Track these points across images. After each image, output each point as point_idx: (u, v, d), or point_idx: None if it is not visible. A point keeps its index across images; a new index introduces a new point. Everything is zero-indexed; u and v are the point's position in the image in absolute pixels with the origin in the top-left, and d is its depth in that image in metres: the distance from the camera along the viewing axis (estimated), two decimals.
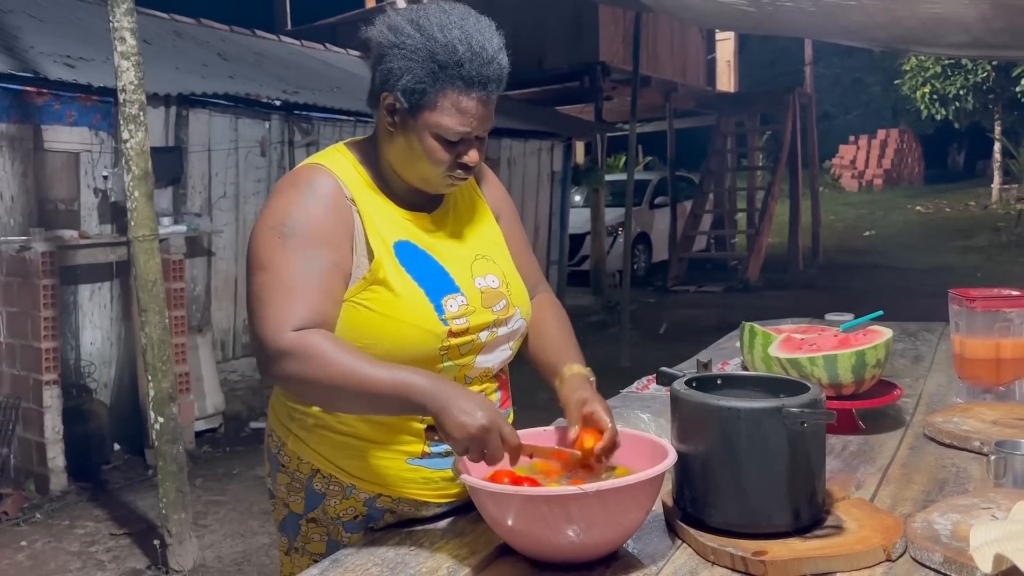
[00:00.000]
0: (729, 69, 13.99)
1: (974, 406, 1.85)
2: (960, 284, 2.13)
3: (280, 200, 1.34)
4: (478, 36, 1.30)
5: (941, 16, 4.28)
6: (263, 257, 1.31)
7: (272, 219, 1.32)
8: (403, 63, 1.29)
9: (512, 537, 1.23)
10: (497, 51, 1.31)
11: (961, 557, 1.11)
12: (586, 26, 10.14)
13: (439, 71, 1.28)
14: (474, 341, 1.38)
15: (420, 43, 1.28)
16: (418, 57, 1.28)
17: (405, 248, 1.36)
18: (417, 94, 1.29)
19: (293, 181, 1.36)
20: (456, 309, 1.35)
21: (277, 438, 1.48)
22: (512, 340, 1.45)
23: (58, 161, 4.95)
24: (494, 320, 1.40)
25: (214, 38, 7.72)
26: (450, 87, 1.29)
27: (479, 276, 1.41)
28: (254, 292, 1.30)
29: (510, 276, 1.47)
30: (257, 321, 1.28)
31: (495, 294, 1.41)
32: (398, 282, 1.33)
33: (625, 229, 7.60)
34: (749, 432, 1.22)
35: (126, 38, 3.30)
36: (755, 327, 1.97)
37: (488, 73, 1.30)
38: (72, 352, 4.98)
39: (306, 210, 1.32)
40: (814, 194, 13.06)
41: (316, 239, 1.31)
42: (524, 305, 1.47)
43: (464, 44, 1.28)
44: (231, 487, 4.52)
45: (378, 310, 1.32)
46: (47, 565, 3.64)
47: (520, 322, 1.46)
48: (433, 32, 1.29)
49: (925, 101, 18.61)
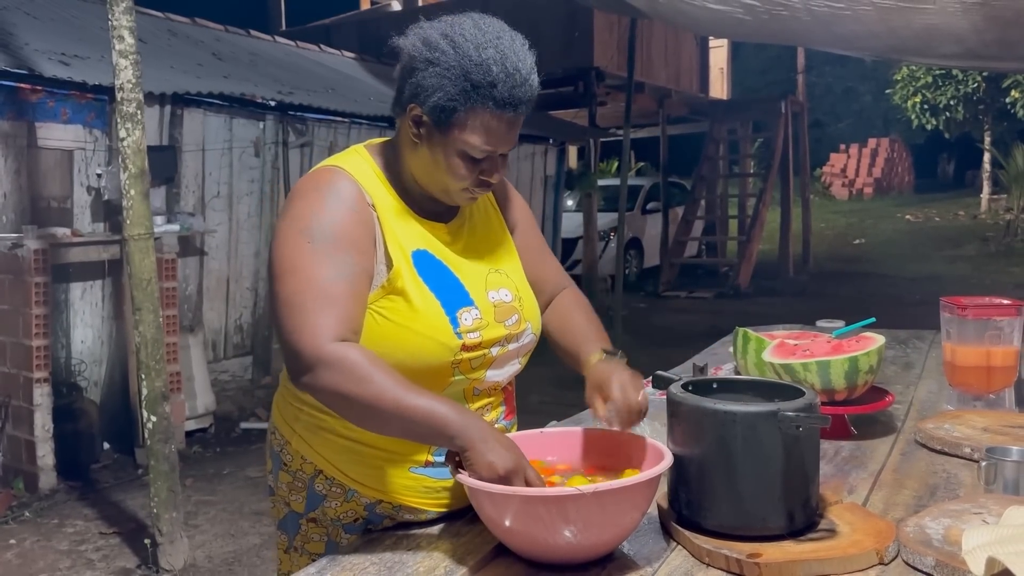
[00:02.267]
0: (722, 76, 14.05)
1: (965, 413, 1.87)
2: (949, 293, 2.15)
3: (304, 203, 1.32)
4: (512, 57, 1.28)
5: (935, 26, 4.32)
6: (293, 261, 1.28)
7: (299, 222, 1.30)
8: (436, 80, 1.27)
9: (509, 537, 1.23)
10: (530, 72, 1.30)
11: (953, 561, 1.12)
12: (581, 31, 10.16)
13: (472, 91, 1.26)
14: (485, 355, 1.37)
15: (455, 61, 1.26)
16: (451, 75, 1.26)
17: (423, 258, 1.36)
18: (447, 112, 1.28)
19: (314, 184, 1.34)
20: (470, 323, 1.34)
21: (280, 436, 1.48)
22: (521, 355, 1.46)
23: (52, 159, 4.94)
24: (506, 335, 1.40)
25: (209, 38, 7.71)
26: (481, 107, 1.27)
27: (492, 290, 1.41)
28: (285, 298, 1.27)
29: (523, 291, 1.46)
30: (291, 328, 1.25)
31: (508, 308, 1.41)
32: (416, 293, 1.32)
33: (618, 234, 7.62)
34: (745, 435, 1.23)
35: (124, 36, 3.30)
36: (748, 332, 1.98)
37: (520, 95, 1.29)
38: (63, 350, 4.96)
39: (332, 214, 1.30)
40: (805, 202, 13.13)
41: (344, 243, 1.29)
42: (535, 320, 1.47)
43: (499, 65, 1.26)
44: (221, 487, 4.51)
45: (394, 320, 1.32)
46: (36, 564, 3.63)
47: (531, 337, 1.46)
48: (468, 50, 1.26)
49: (916, 111, 18.74)
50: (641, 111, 11.10)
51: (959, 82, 17.87)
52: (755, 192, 12.75)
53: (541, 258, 1.56)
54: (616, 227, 8.02)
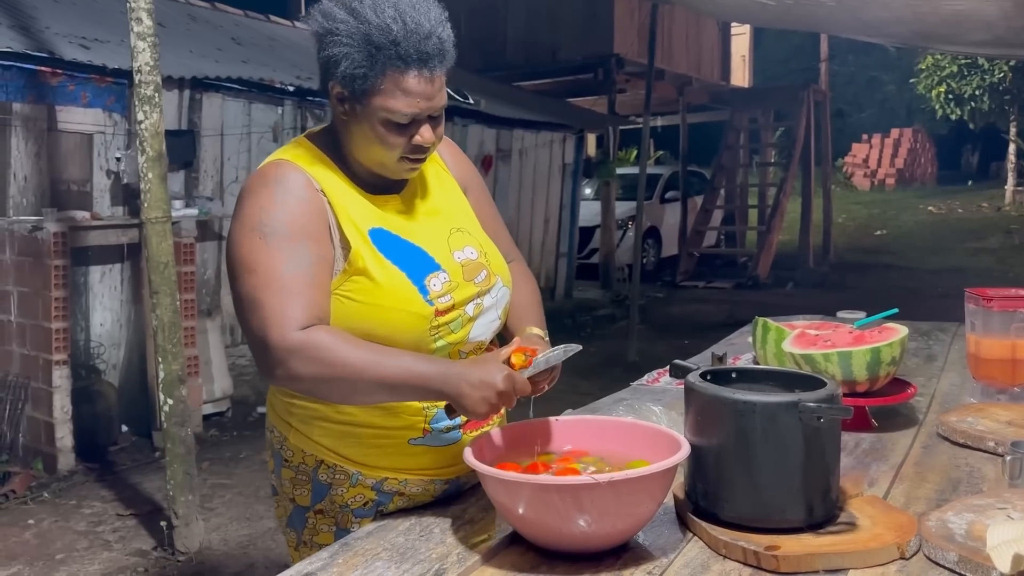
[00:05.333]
0: (744, 64, 13.92)
1: (988, 406, 1.84)
2: (972, 285, 2.10)
3: (254, 200, 1.32)
4: (412, 12, 1.27)
5: (963, 13, 4.24)
6: (248, 260, 1.29)
7: (250, 220, 1.31)
8: (340, 49, 1.27)
9: (522, 525, 1.22)
10: (436, 25, 1.29)
11: (977, 556, 1.09)
12: (601, 18, 10.09)
13: (376, 53, 1.26)
14: (462, 315, 1.38)
15: (354, 27, 1.26)
16: (354, 42, 1.26)
17: (380, 235, 1.36)
18: (359, 80, 1.28)
19: (262, 180, 1.34)
20: (439, 287, 1.35)
21: (279, 433, 1.48)
22: (499, 309, 1.45)
23: (71, 142, 4.96)
24: (477, 291, 1.40)
25: (228, 22, 7.72)
26: (390, 68, 1.27)
27: (457, 250, 1.41)
28: (245, 296, 1.29)
29: (487, 246, 1.46)
30: (256, 324, 1.26)
31: (475, 265, 1.41)
32: (378, 270, 1.32)
33: (636, 223, 7.57)
34: (764, 426, 1.21)
35: (143, 19, 3.29)
36: (768, 322, 1.95)
37: (427, 49, 1.27)
38: (82, 333, 4.99)
39: (282, 207, 1.30)
40: (826, 192, 12.99)
41: (298, 235, 1.30)
42: (504, 273, 1.47)
43: (398, 22, 1.26)
44: (238, 471, 4.53)
45: (363, 300, 1.32)
46: (54, 544, 3.66)
47: (503, 290, 1.46)
48: (366, 14, 1.26)
49: (940, 101, 18.50)
50: (661, 99, 11.01)
51: (985, 71, 17.61)
52: (776, 182, 12.64)
53: (493, 228, 1.56)
54: (634, 216, 7.96)
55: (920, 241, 14.44)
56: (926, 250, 13.40)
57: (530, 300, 1.55)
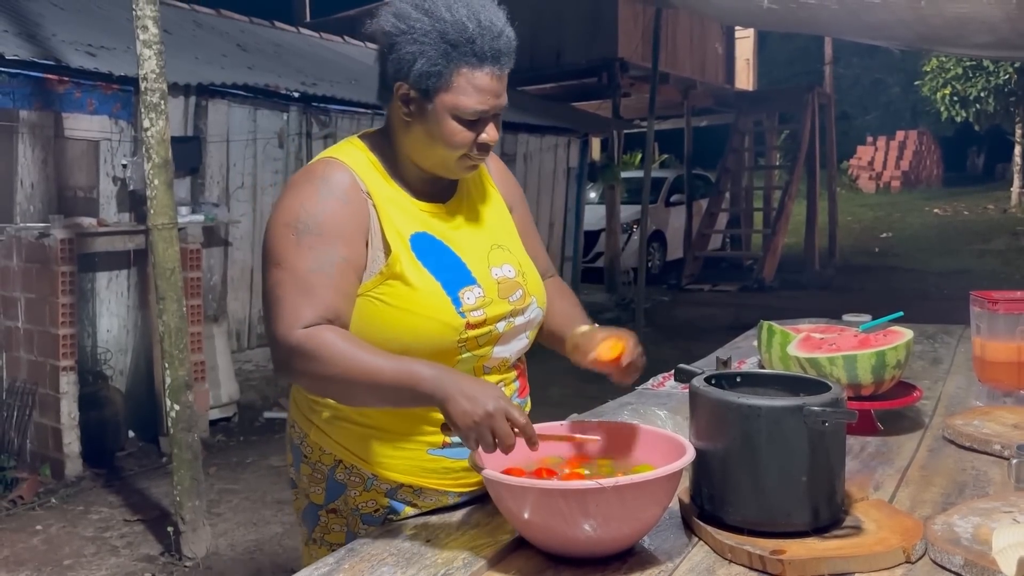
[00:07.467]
0: (748, 67, 13.91)
1: (994, 409, 1.84)
2: (978, 288, 2.10)
3: (295, 196, 1.34)
4: (485, 12, 1.31)
5: (967, 15, 4.24)
6: (278, 254, 1.31)
7: (287, 215, 1.32)
8: (415, 48, 1.29)
9: (528, 530, 1.22)
10: (505, 24, 1.33)
11: (983, 560, 1.09)
12: (605, 21, 10.09)
13: (451, 50, 1.28)
14: (492, 332, 1.38)
15: (429, 25, 1.29)
16: (429, 40, 1.28)
17: (422, 240, 1.36)
18: (433, 77, 1.29)
19: (308, 176, 1.36)
20: (473, 301, 1.35)
21: (299, 429, 1.48)
22: (529, 329, 1.46)
23: (78, 149, 4.98)
24: (511, 310, 1.40)
25: (234, 29, 7.75)
26: (464, 65, 1.29)
27: (495, 266, 1.42)
28: (268, 289, 1.31)
29: (526, 266, 1.47)
30: (271, 319, 1.29)
31: (512, 284, 1.42)
32: (415, 276, 1.33)
33: (641, 226, 7.58)
34: (769, 430, 1.21)
35: (148, 26, 3.31)
36: (773, 326, 1.95)
37: (500, 47, 1.31)
38: (89, 339, 5.01)
39: (321, 206, 1.32)
40: (831, 195, 12.97)
41: (330, 235, 1.31)
42: (540, 294, 1.48)
43: (473, 20, 1.29)
44: (245, 476, 4.54)
45: (395, 304, 1.33)
46: (62, 550, 3.67)
47: (537, 311, 1.46)
48: (440, 13, 1.29)
49: (945, 103, 18.44)
50: (666, 102, 11.01)
51: (990, 73, 17.55)
52: (781, 185, 12.62)
53: (533, 244, 1.57)
54: (639, 219, 7.96)
55: (926, 243, 14.40)
56: (932, 252, 13.36)
57: (575, 305, 1.57)
